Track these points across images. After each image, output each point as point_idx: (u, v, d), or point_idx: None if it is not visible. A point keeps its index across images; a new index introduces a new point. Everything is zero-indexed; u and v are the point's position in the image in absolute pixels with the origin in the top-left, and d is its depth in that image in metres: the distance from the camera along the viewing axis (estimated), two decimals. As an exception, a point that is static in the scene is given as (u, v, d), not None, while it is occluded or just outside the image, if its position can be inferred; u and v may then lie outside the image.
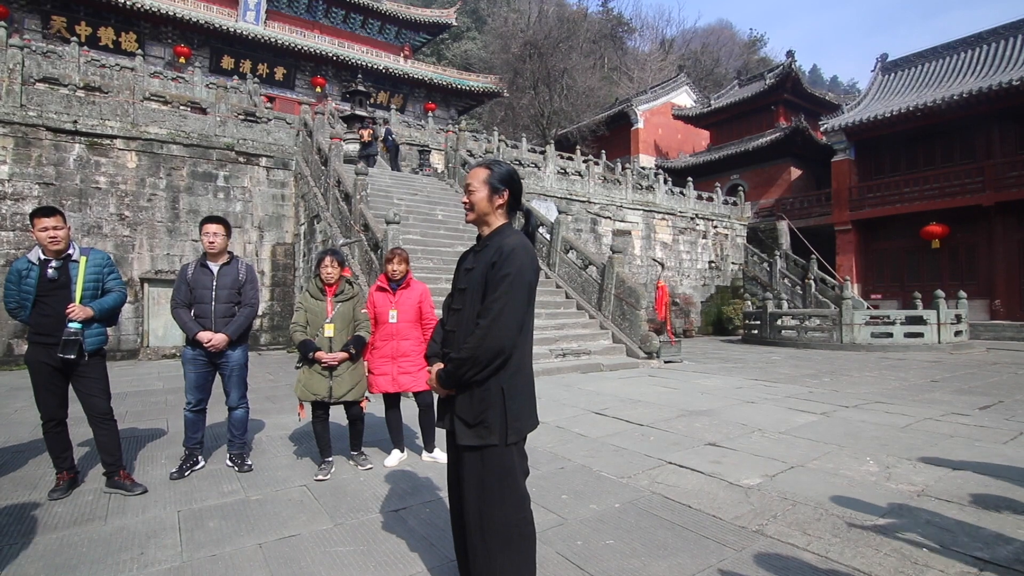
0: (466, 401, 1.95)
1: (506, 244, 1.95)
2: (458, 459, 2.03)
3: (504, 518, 1.92)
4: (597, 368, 8.95)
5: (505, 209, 2.08)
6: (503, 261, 1.91)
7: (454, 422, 1.98)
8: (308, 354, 3.83)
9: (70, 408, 3.53)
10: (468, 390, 1.95)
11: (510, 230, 2.06)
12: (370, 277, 9.30)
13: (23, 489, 3.63)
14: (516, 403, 1.94)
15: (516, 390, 1.95)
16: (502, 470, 1.93)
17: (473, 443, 1.93)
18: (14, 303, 3.38)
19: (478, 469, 1.94)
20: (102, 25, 21.28)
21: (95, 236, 11.33)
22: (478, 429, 1.92)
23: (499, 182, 2.05)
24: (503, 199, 2.06)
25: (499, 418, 1.91)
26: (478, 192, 2.06)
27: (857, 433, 4.91)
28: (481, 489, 1.94)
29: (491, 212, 2.06)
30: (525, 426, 1.99)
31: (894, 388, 7.40)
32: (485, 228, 2.10)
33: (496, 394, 1.91)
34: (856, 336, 13.28)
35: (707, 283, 21.29)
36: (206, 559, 2.65)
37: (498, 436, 1.91)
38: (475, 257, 2.08)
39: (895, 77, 22.28)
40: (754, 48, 58.22)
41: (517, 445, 1.98)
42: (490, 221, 2.08)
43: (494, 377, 1.92)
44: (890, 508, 3.15)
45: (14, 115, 10.76)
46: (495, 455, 1.92)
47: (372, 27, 29.26)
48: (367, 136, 15.30)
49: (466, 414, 1.95)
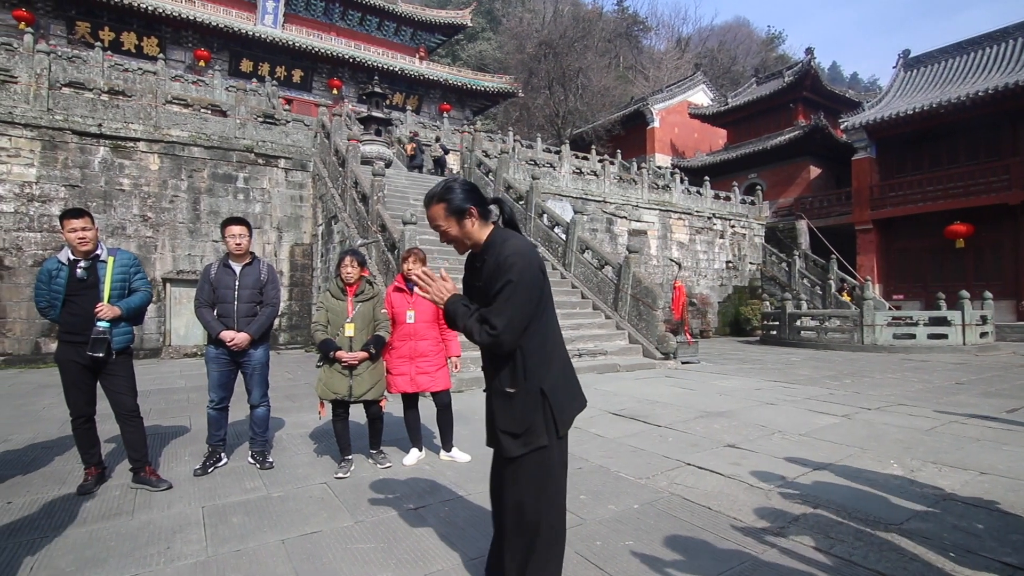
0: (508, 415, 1.92)
1: (502, 254, 1.89)
2: (502, 464, 2.00)
3: (548, 517, 1.94)
4: (614, 368, 8.92)
5: (479, 220, 1.99)
6: (501, 272, 1.86)
7: (500, 438, 1.95)
8: (329, 353, 3.87)
9: (98, 405, 3.62)
10: (507, 400, 1.92)
11: (500, 235, 1.99)
12: (387, 277, 9.37)
13: (53, 484, 3.73)
14: (559, 399, 1.94)
15: (556, 387, 1.95)
16: (544, 466, 1.93)
17: (523, 452, 1.91)
18: (44, 302, 3.47)
19: (516, 471, 1.94)
20: (125, 30, 21.72)
21: (119, 237, 11.56)
22: (526, 437, 1.91)
23: (461, 204, 1.96)
24: (473, 216, 1.97)
25: (545, 419, 1.91)
26: (451, 228, 1.98)
27: (880, 436, 4.83)
28: (524, 489, 1.93)
29: (472, 234, 1.99)
30: (572, 413, 2.00)
31: (918, 390, 7.26)
32: (476, 246, 2.03)
33: (537, 398, 1.90)
34: (878, 337, 13.06)
35: (724, 283, 21.09)
36: (230, 554, 2.70)
37: (547, 436, 1.91)
38: (477, 275, 2.02)
39: (917, 74, 21.87)
40: (772, 46, 57.53)
41: (562, 439, 1.99)
42: (477, 238, 2.01)
43: (531, 379, 1.90)
44: (915, 512, 3.10)
45: (41, 119, 11.03)
46: (539, 454, 1.92)
47: (388, 29, 29.48)
48: (411, 150, 16.53)
49: (512, 426, 1.92)
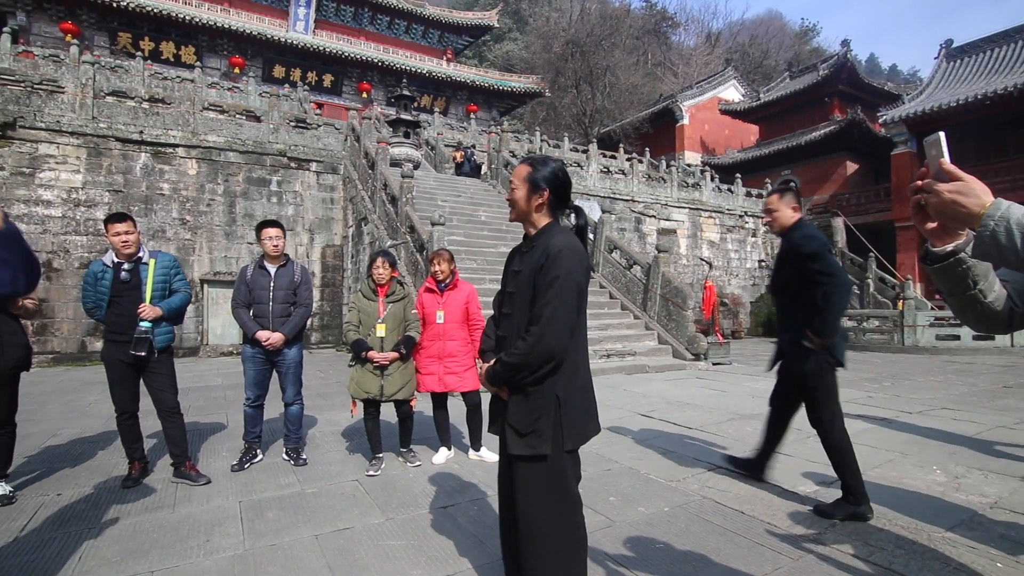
0: (519, 408, 1.90)
1: (552, 245, 1.88)
2: (509, 464, 1.99)
3: (555, 524, 1.88)
4: (643, 369, 8.82)
5: (547, 208, 1.99)
6: (550, 264, 1.84)
7: (505, 429, 1.94)
8: (360, 353, 3.93)
9: (140, 402, 3.75)
10: (522, 395, 1.90)
11: (557, 229, 1.97)
12: (415, 278, 9.47)
13: (99, 477, 3.88)
14: (572, 411, 1.88)
15: (572, 397, 1.89)
16: (554, 476, 1.88)
17: (524, 453, 1.88)
18: (91, 303, 3.62)
19: (530, 477, 1.90)
20: (164, 40, 22.49)
21: (159, 240, 11.97)
22: (530, 439, 1.87)
23: (541, 180, 1.96)
24: (543, 198, 1.97)
25: (552, 427, 1.85)
26: (518, 190, 1.99)
27: (922, 440, 4.66)
28: (533, 497, 1.89)
29: (531, 211, 1.99)
30: (584, 433, 1.93)
31: (962, 394, 6.99)
32: (531, 228, 2.03)
33: (550, 402, 1.86)
34: (919, 338, 12.61)
35: (757, 282, 20.66)
36: (267, 548, 2.77)
37: (550, 445, 1.85)
38: (522, 259, 2.01)
39: (961, 64, 21.02)
40: (806, 38, 56.04)
41: (572, 453, 1.92)
42: (534, 220, 2.00)
43: (548, 383, 1.86)
44: (960, 520, 2.98)
45: (87, 127, 11.51)
46: (549, 463, 1.87)
47: (415, 32, 29.78)
48: (460, 157, 17.15)
49: (518, 422, 1.89)
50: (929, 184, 1.06)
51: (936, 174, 1.05)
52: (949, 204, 1.03)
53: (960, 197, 1.01)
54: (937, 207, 1.05)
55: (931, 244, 1.13)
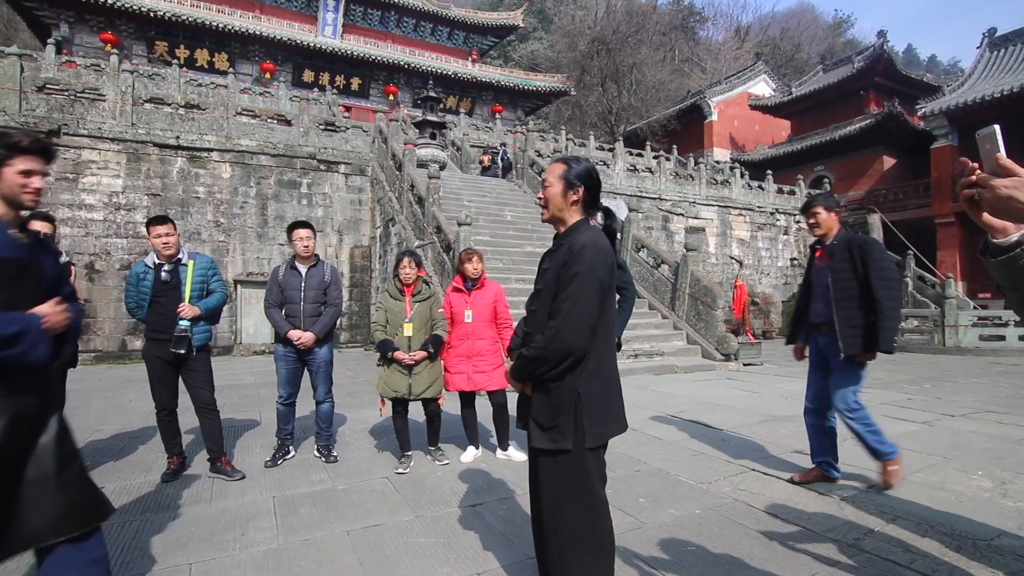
0: (541, 403, 1.94)
1: (577, 242, 1.91)
2: (535, 461, 2.02)
3: (578, 522, 1.89)
4: (671, 370, 8.72)
5: (580, 206, 2.02)
6: (573, 259, 1.87)
7: (529, 424, 1.98)
8: (388, 353, 3.98)
9: (179, 399, 3.87)
10: (544, 391, 1.93)
11: (585, 227, 2.00)
12: (442, 278, 9.53)
13: (139, 472, 4.02)
14: (592, 408, 1.89)
15: (593, 394, 1.90)
16: (576, 474, 1.90)
17: (546, 447, 1.91)
18: (133, 303, 3.76)
19: (553, 472, 1.93)
20: (198, 47, 23.12)
21: (195, 242, 12.31)
22: (551, 433, 1.90)
23: (575, 178, 1.99)
24: (578, 195, 2.00)
25: (573, 423, 1.87)
26: (553, 187, 2.02)
27: (965, 444, 4.49)
28: (556, 492, 1.92)
29: (565, 208, 2.01)
30: (606, 431, 1.94)
31: (1007, 396, 6.71)
32: (560, 226, 2.06)
33: (571, 398, 1.88)
34: (961, 339, 12.15)
35: (788, 281, 20.18)
36: (300, 543, 2.82)
37: (571, 441, 1.87)
38: (551, 258, 2.05)
39: (1005, 53, 20.15)
40: (839, 30, 54.55)
41: (595, 451, 1.93)
42: (565, 218, 2.03)
43: (569, 379, 1.88)
44: (1006, 529, 2.86)
45: (126, 133, 11.91)
46: (569, 459, 1.89)
47: (441, 34, 29.97)
48: (487, 161, 17.07)
49: (541, 417, 1.93)
50: (984, 179, 1.02)
51: (991, 169, 1.01)
52: (1005, 200, 1.00)
53: (1017, 192, 0.98)
54: (992, 203, 1.02)
55: (992, 236, 1.09)
